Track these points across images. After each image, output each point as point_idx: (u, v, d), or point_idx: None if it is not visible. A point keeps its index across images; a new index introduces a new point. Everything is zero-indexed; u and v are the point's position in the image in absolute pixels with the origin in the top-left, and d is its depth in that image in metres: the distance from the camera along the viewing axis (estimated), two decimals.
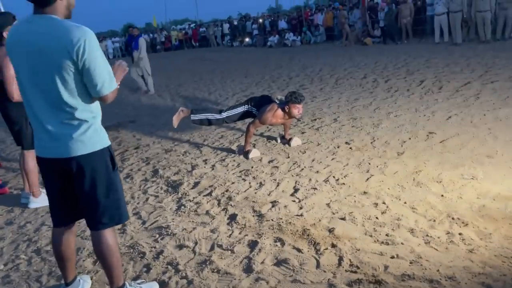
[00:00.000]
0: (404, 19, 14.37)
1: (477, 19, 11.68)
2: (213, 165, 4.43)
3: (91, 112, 1.99)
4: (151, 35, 30.19)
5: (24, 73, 1.90)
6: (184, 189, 3.86)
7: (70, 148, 1.95)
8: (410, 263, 2.33)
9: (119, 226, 3.26)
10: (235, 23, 28.52)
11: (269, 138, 5.18)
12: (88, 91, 1.93)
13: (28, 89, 1.92)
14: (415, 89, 6.91)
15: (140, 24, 58.67)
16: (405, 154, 4.04)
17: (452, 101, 5.78)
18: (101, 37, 31.17)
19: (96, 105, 2.04)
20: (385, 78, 8.24)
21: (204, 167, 4.42)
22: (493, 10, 11.46)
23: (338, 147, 4.51)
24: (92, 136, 1.99)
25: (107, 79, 1.92)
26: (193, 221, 3.18)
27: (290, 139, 4.81)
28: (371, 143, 4.50)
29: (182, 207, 3.46)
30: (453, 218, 2.75)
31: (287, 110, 4.41)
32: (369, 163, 3.91)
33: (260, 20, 25.36)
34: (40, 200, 3.77)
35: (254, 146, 4.81)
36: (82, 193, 2.05)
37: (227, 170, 4.23)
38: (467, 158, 3.74)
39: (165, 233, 3.04)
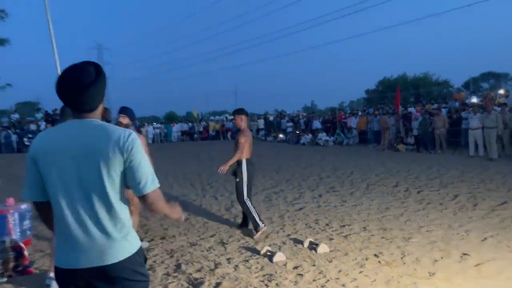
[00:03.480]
0: (438, 130, 14.55)
1: None
2: (236, 265, 4.34)
3: (128, 213, 1.95)
4: (190, 124, 31.64)
5: (65, 178, 1.82)
6: None
7: (111, 252, 1.82)
8: None
9: None
10: (271, 118, 29.63)
11: (296, 241, 5.09)
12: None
13: (65, 194, 1.83)
14: (448, 203, 6.77)
15: (181, 112, 62.05)
16: (436, 275, 3.85)
17: (488, 221, 5.59)
18: (144, 122, 32.96)
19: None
20: (418, 188, 8.15)
21: (227, 266, 4.34)
22: None
23: (366, 259, 4.36)
24: (131, 237, 1.91)
25: (150, 177, 1.88)
26: None
27: (317, 245, 4.71)
28: (401, 258, 4.34)
29: None
30: None
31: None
32: (399, 281, 3.74)
33: (295, 119, 26.27)
34: None
35: (279, 249, 4.73)
36: None
37: (250, 273, 4.13)
38: None
39: None
